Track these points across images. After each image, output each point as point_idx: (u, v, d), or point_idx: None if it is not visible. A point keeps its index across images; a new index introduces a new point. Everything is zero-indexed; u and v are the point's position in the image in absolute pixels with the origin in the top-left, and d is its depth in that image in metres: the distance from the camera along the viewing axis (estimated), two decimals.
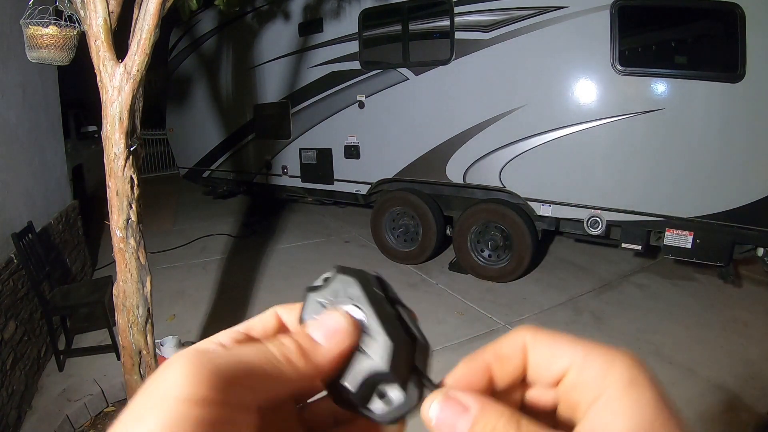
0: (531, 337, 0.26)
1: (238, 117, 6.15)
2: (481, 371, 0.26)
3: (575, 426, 0.24)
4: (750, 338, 3.17)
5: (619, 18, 3.29)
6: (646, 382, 0.22)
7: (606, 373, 0.23)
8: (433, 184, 4.53)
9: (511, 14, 3.75)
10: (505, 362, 0.26)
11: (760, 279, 4.07)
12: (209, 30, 6.30)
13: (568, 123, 3.62)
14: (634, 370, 0.23)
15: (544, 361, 0.25)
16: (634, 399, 0.22)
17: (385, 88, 4.57)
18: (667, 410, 0.22)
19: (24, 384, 2.70)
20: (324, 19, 4.92)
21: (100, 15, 1.79)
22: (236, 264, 4.85)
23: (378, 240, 4.98)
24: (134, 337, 2.04)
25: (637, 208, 3.49)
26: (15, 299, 2.79)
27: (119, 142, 1.84)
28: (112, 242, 1.99)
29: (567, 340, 0.25)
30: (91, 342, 3.32)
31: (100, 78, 1.83)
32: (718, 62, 3.16)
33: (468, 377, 0.26)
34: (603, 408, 0.22)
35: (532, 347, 0.26)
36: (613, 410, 0.22)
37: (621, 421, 0.21)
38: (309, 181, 5.45)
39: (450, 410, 0.23)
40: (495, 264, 4.25)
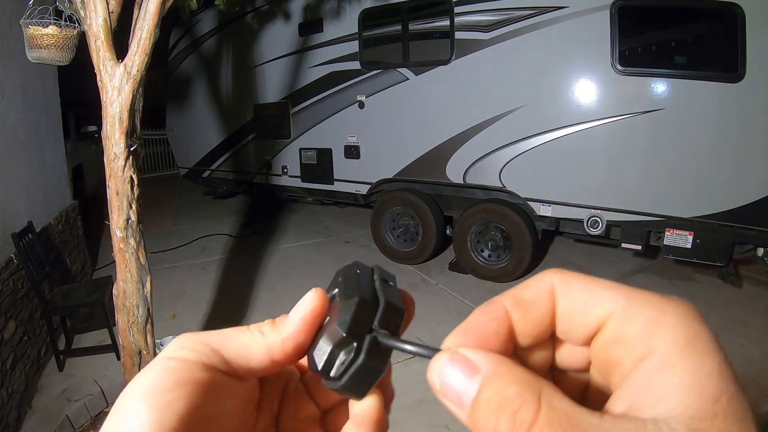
0: (560, 279, 0.21)
1: (238, 117, 6.15)
2: (498, 320, 0.21)
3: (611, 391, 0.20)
4: (750, 338, 3.17)
5: (619, 18, 3.29)
6: (708, 344, 0.18)
7: (656, 326, 0.18)
8: (433, 184, 4.53)
9: (511, 14, 3.75)
10: (528, 309, 0.21)
11: (760, 279, 4.07)
12: (209, 30, 6.30)
13: (568, 123, 3.62)
14: (694, 325, 0.18)
15: (577, 309, 0.20)
16: (693, 365, 0.17)
17: (385, 88, 4.57)
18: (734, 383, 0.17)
19: (24, 384, 2.70)
20: (324, 19, 4.92)
21: (100, 15, 1.79)
22: (236, 264, 4.85)
23: (378, 240, 4.98)
24: (134, 337, 2.04)
25: (637, 208, 3.49)
26: (15, 299, 2.79)
27: (119, 142, 1.84)
28: (112, 242, 1.99)
29: (605, 284, 0.20)
30: (91, 342, 3.32)
31: (100, 78, 1.83)
32: (717, 62, 3.16)
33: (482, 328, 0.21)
34: (653, 373, 0.18)
35: (562, 292, 0.21)
36: (667, 378, 0.17)
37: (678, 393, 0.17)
38: (309, 181, 5.45)
39: (457, 371, 0.19)
40: (495, 264, 4.25)
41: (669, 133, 3.29)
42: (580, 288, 0.20)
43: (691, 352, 0.17)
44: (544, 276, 0.22)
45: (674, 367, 0.17)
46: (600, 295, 0.20)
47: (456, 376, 0.19)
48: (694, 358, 0.17)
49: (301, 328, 0.25)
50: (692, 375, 0.17)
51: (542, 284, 0.21)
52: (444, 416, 2.54)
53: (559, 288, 0.21)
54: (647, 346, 0.18)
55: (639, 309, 0.19)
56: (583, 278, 0.21)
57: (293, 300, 0.27)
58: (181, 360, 0.23)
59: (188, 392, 0.22)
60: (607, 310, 0.19)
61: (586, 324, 0.20)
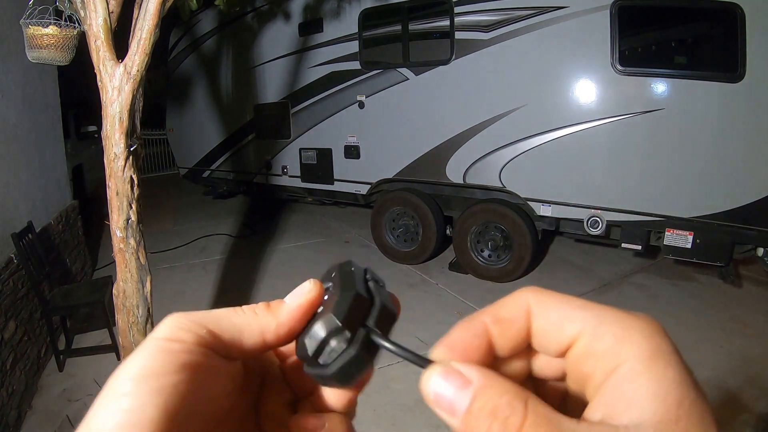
0: (535, 299, 0.23)
1: (238, 117, 6.15)
2: (478, 336, 0.23)
3: (586, 401, 0.22)
4: (750, 338, 3.17)
5: (619, 18, 3.29)
6: (669, 355, 0.20)
7: (623, 342, 0.20)
8: (433, 184, 4.53)
9: (511, 14, 3.75)
10: (505, 326, 0.23)
11: (760, 279, 4.07)
12: (209, 30, 6.29)
13: (568, 123, 3.62)
14: (656, 339, 0.20)
15: (550, 327, 0.22)
16: (657, 375, 0.19)
17: (385, 88, 4.57)
18: (694, 389, 0.19)
19: (24, 384, 2.70)
20: (324, 19, 4.92)
21: (100, 15, 1.79)
22: (236, 264, 4.85)
23: (378, 240, 4.98)
24: (134, 337, 2.04)
25: (637, 208, 3.49)
26: (15, 299, 2.80)
27: (119, 142, 1.85)
28: (112, 242, 1.99)
29: (576, 303, 0.22)
30: (91, 342, 3.32)
31: (100, 78, 1.83)
32: (717, 62, 3.16)
33: (464, 343, 0.23)
34: (622, 384, 0.20)
35: (537, 311, 0.23)
36: (635, 388, 0.19)
37: (644, 401, 0.19)
38: (309, 181, 5.45)
39: (450, 383, 0.21)
40: (495, 264, 4.25)
41: (669, 133, 3.29)
42: (554, 308, 0.22)
43: (655, 363, 0.19)
44: (521, 295, 0.24)
45: (640, 377, 0.19)
46: (572, 314, 0.22)
47: (449, 388, 0.21)
48: (657, 368, 0.19)
49: (297, 315, 0.26)
50: (657, 383, 0.19)
51: (519, 303, 0.23)
52: None
53: (535, 307, 0.23)
54: (615, 359, 0.20)
55: (607, 327, 0.21)
56: (557, 298, 0.23)
57: None
58: (180, 341, 0.23)
59: (190, 375, 0.22)
60: (578, 329, 0.21)
61: (559, 340, 0.22)
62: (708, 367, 2.83)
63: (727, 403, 2.56)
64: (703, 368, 2.82)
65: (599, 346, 0.21)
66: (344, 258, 0.30)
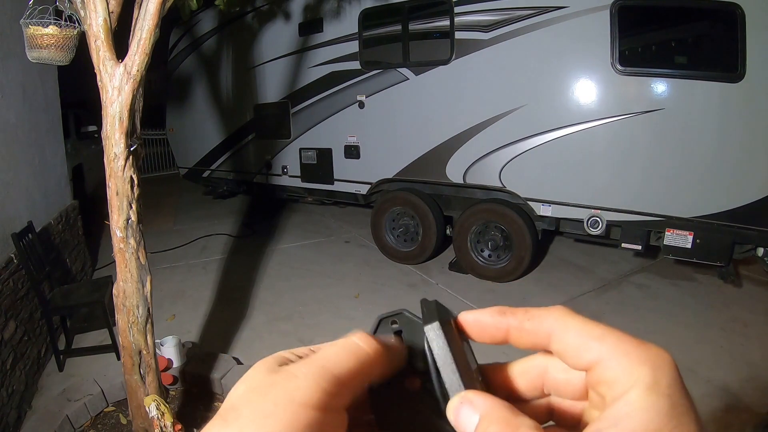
0: (560, 323, 0.26)
1: (238, 117, 6.15)
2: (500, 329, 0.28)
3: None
4: (750, 338, 3.17)
5: (619, 18, 3.29)
6: (664, 388, 0.23)
7: (631, 374, 0.23)
8: (433, 184, 4.53)
9: (511, 14, 3.75)
10: (523, 334, 0.27)
11: (760, 279, 4.07)
12: (209, 30, 6.29)
13: (568, 123, 3.62)
14: (657, 373, 0.23)
15: (570, 352, 0.26)
16: (648, 404, 0.22)
17: (385, 88, 4.57)
18: (676, 420, 0.22)
19: (24, 384, 2.70)
20: (324, 19, 4.92)
21: (100, 15, 1.79)
22: (236, 264, 4.85)
23: (378, 240, 4.98)
24: (134, 337, 2.04)
25: (637, 208, 3.49)
26: (15, 299, 2.80)
27: (119, 142, 1.84)
28: (112, 242, 1.99)
29: (595, 333, 0.25)
30: (91, 342, 3.32)
31: (100, 78, 1.83)
32: (717, 62, 3.16)
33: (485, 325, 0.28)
34: (618, 410, 0.23)
35: (559, 335, 0.26)
36: (627, 413, 0.22)
37: (628, 424, 0.22)
38: (309, 181, 5.45)
39: (465, 410, 0.25)
40: (495, 264, 4.25)
41: (669, 133, 3.29)
42: (574, 335, 0.26)
43: (649, 395, 0.22)
44: (551, 314, 0.27)
45: (633, 404, 0.22)
46: (589, 345, 0.25)
47: (465, 413, 0.25)
48: (650, 399, 0.22)
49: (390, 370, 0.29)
50: (645, 411, 0.22)
51: (545, 322, 0.27)
52: None
53: (557, 331, 0.26)
54: (621, 389, 0.23)
55: (620, 359, 0.24)
56: (579, 325, 0.26)
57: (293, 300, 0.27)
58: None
59: None
60: (594, 358, 0.25)
61: (577, 364, 0.26)
62: (708, 367, 2.83)
63: (727, 403, 2.55)
64: (703, 368, 2.82)
65: (610, 376, 0.24)
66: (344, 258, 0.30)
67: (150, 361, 2.10)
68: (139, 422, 2.15)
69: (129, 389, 2.14)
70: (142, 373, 2.09)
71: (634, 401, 0.22)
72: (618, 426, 0.22)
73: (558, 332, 0.26)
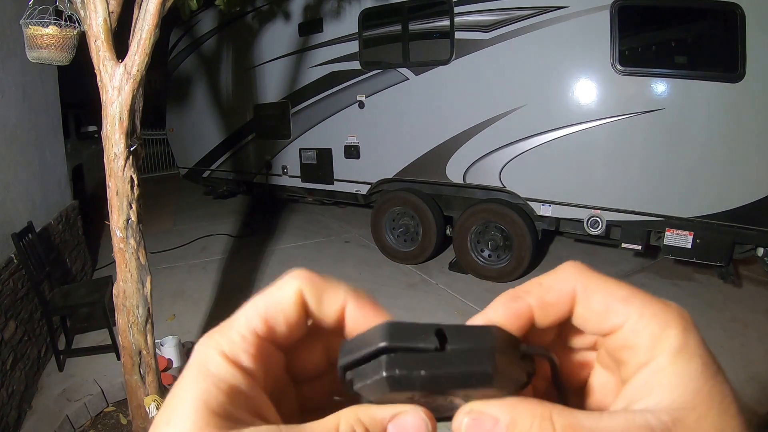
0: (582, 285, 0.24)
1: (238, 117, 6.15)
2: (521, 317, 0.24)
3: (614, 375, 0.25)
4: (750, 338, 3.17)
5: (619, 18, 3.29)
6: (695, 349, 0.22)
7: (658, 339, 0.22)
8: (433, 184, 4.53)
9: (511, 14, 3.75)
10: (549, 310, 0.24)
11: (760, 279, 4.07)
12: (209, 30, 6.29)
13: (568, 123, 3.62)
14: (686, 334, 0.22)
15: (592, 315, 0.24)
16: (680, 368, 0.21)
17: (385, 88, 4.57)
18: (715, 380, 0.21)
19: (24, 384, 2.70)
20: (324, 19, 4.92)
21: (100, 15, 1.79)
22: (236, 264, 4.85)
23: (378, 240, 4.98)
24: (134, 337, 2.04)
25: (637, 208, 3.49)
26: (15, 299, 2.80)
27: (119, 142, 1.85)
28: (112, 242, 1.99)
29: (620, 294, 0.23)
30: (91, 342, 3.32)
31: (100, 78, 1.83)
32: (717, 62, 3.16)
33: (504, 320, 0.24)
34: (649, 378, 0.22)
35: (583, 299, 0.24)
36: (659, 382, 0.21)
37: (665, 390, 0.21)
38: (309, 181, 5.45)
39: (480, 428, 0.22)
40: (495, 264, 4.25)
41: (669, 133, 3.29)
42: (600, 297, 0.24)
43: (680, 357, 0.21)
44: (568, 276, 0.24)
45: (665, 370, 0.21)
46: (615, 308, 0.23)
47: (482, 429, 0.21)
48: (681, 362, 0.21)
49: None
50: (678, 375, 0.21)
51: (565, 287, 0.24)
52: None
53: (581, 295, 0.24)
54: (649, 355, 0.22)
55: (646, 323, 0.22)
56: (602, 285, 0.24)
57: None
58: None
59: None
60: (620, 322, 0.23)
61: (599, 328, 0.24)
62: None
63: None
64: None
65: (637, 341, 0.22)
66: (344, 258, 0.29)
67: (150, 361, 2.10)
68: (139, 422, 2.15)
69: (129, 389, 2.14)
70: (142, 373, 2.09)
71: (665, 366, 0.21)
72: (654, 395, 0.21)
73: (581, 295, 0.24)
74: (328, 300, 0.25)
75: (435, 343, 0.21)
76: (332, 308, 0.25)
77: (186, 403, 0.21)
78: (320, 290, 0.25)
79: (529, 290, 0.25)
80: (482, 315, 0.25)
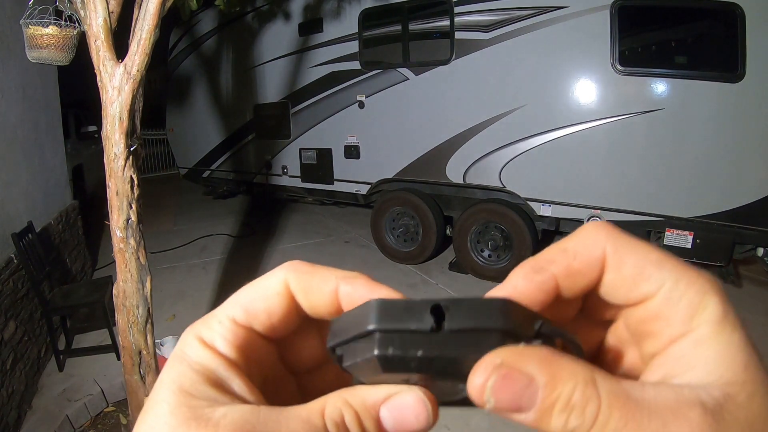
0: (612, 249, 0.21)
1: (238, 117, 6.15)
2: (545, 291, 0.21)
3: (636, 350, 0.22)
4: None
5: (619, 18, 3.29)
6: (736, 321, 0.20)
7: (696, 310, 0.20)
8: (433, 184, 4.53)
9: (511, 14, 3.75)
10: (576, 280, 0.21)
11: (760, 279, 4.07)
12: (209, 30, 6.30)
13: (568, 123, 3.62)
14: (725, 304, 0.20)
15: (622, 282, 0.21)
16: (725, 339, 0.19)
17: (385, 88, 4.57)
18: (756, 353, 0.19)
19: (24, 384, 2.70)
20: (324, 19, 4.92)
21: (100, 15, 1.79)
22: (236, 264, 4.85)
23: (378, 240, 4.98)
24: (134, 337, 2.04)
25: (637, 208, 3.49)
26: (15, 299, 2.79)
27: (119, 142, 1.85)
28: (112, 242, 1.99)
29: (652, 257, 0.21)
30: (91, 342, 3.31)
31: (100, 78, 1.83)
32: (717, 62, 3.16)
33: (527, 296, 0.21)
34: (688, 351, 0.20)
35: (613, 263, 0.21)
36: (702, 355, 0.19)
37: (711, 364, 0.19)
38: (309, 181, 5.45)
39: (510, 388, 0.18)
40: (495, 264, 4.25)
41: (669, 133, 3.29)
42: (631, 261, 0.21)
43: (723, 328, 0.19)
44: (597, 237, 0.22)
45: (707, 342, 0.19)
46: (648, 273, 0.21)
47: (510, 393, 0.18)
48: (725, 333, 0.19)
49: None
50: (724, 347, 0.19)
51: (594, 252, 0.21)
52: (444, 416, 2.53)
53: (611, 259, 0.21)
54: (687, 326, 0.20)
55: (682, 291, 0.20)
56: (633, 248, 0.21)
57: None
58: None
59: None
60: (653, 289, 0.20)
61: (629, 297, 0.21)
62: None
63: None
64: None
65: (672, 311, 0.20)
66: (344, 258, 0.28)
67: (150, 361, 2.10)
68: None
69: (129, 389, 2.14)
70: (142, 373, 2.09)
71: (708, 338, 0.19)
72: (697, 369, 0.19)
73: (611, 260, 0.21)
74: (318, 286, 0.23)
75: (430, 323, 0.19)
76: (323, 294, 0.23)
77: (163, 386, 0.21)
78: (308, 278, 0.24)
79: (553, 259, 0.22)
80: (499, 288, 0.22)
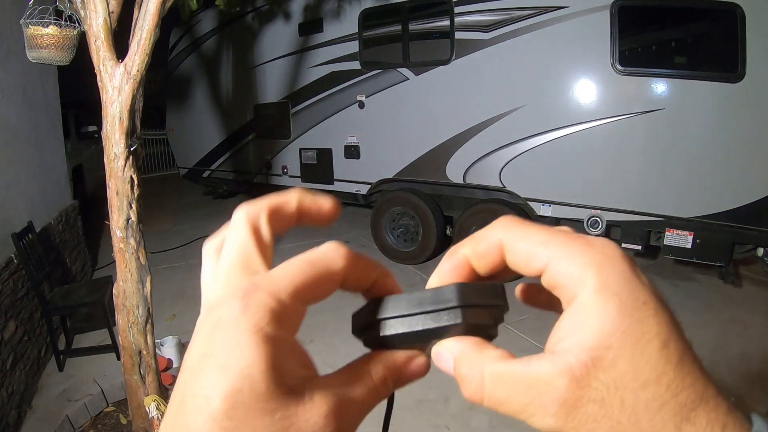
0: (505, 235, 0.26)
1: (238, 117, 6.15)
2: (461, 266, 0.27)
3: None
4: (750, 338, 3.16)
5: (619, 18, 3.29)
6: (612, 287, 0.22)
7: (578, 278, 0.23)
8: (433, 184, 4.53)
9: (511, 14, 3.75)
10: (483, 259, 0.26)
11: (760, 279, 4.06)
12: (209, 30, 6.29)
13: (568, 123, 3.62)
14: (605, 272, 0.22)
15: (521, 261, 0.25)
16: (597, 308, 0.22)
17: (385, 88, 4.57)
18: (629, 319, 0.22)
19: (24, 384, 2.70)
20: (324, 19, 4.92)
21: (100, 15, 1.79)
22: None
23: (378, 240, 4.98)
24: (134, 337, 2.04)
25: (637, 208, 3.49)
26: (15, 299, 2.80)
27: (119, 142, 1.85)
28: (112, 242, 1.99)
29: (540, 237, 0.24)
30: (91, 342, 3.32)
31: (100, 78, 1.83)
32: (717, 62, 3.16)
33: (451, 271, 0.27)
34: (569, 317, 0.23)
35: (508, 247, 0.25)
36: (579, 321, 0.22)
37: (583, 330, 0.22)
38: (309, 181, 5.45)
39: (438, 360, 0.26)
40: None
41: (669, 133, 3.29)
42: (522, 244, 0.25)
43: (598, 297, 0.22)
44: (494, 231, 0.26)
45: (585, 311, 0.22)
46: (536, 251, 0.24)
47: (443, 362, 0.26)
48: (599, 302, 0.22)
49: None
50: (596, 316, 0.22)
51: (492, 241, 0.26)
52: (444, 416, 2.54)
53: (506, 243, 0.26)
54: (572, 293, 0.23)
55: (567, 263, 0.23)
56: (524, 232, 0.25)
57: None
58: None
59: None
60: (541, 265, 0.24)
61: (529, 272, 0.25)
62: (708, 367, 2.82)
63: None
64: None
65: (560, 281, 0.23)
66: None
67: (150, 361, 2.10)
68: (139, 422, 2.15)
69: (129, 389, 2.14)
70: (142, 373, 2.09)
71: (584, 307, 0.22)
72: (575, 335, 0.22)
73: (508, 243, 0.25)
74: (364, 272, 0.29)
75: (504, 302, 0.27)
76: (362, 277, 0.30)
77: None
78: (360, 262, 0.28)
79: (464, 243, 0.27)
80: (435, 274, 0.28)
